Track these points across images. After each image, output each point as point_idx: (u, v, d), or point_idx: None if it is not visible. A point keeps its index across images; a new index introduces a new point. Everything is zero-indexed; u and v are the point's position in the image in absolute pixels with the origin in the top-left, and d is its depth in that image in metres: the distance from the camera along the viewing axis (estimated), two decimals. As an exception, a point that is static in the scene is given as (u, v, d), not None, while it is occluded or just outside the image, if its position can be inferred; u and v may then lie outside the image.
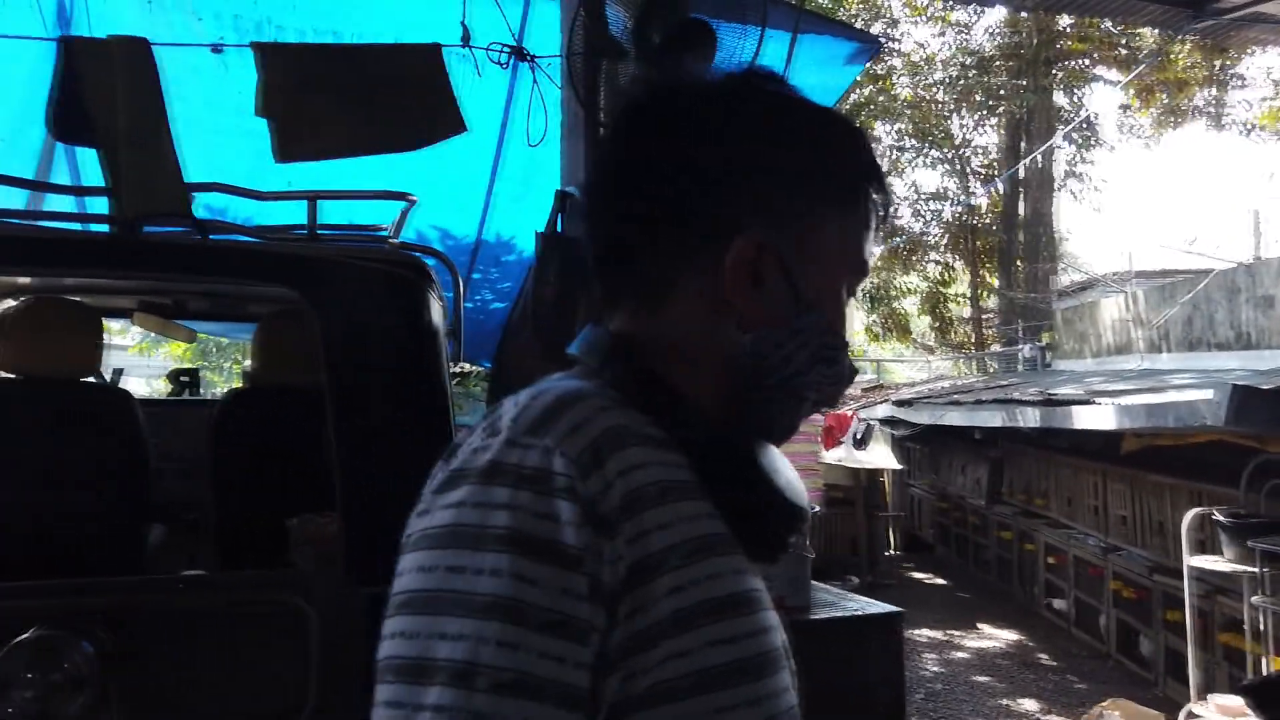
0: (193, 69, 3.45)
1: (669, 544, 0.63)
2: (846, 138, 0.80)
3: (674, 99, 0.80)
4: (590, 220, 0.81)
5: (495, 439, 0.64)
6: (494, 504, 0.61)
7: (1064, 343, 12.42)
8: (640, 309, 0.77)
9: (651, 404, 0.71)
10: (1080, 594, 7.19)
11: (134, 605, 1.72)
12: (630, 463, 0.64)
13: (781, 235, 0.74)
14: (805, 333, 0.74)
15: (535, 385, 0.72)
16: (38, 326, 2.40)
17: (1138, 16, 5.53)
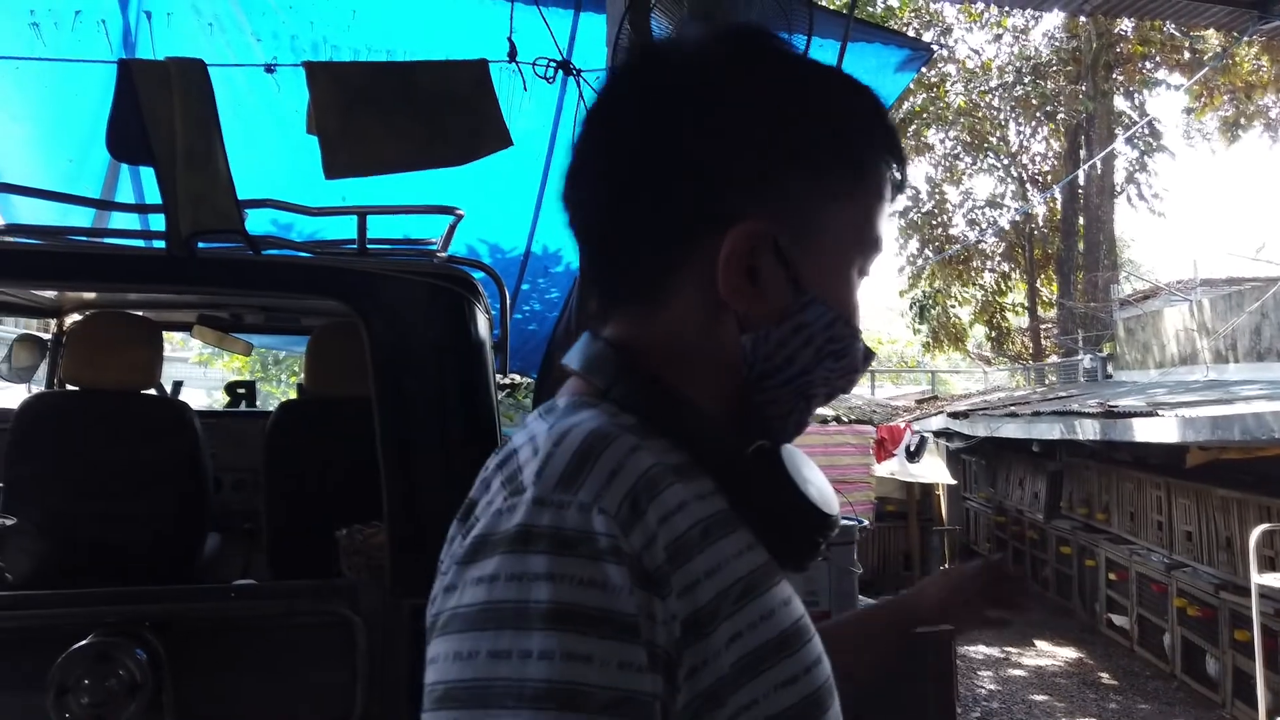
0: (249, 88, 3.55)
1: (720, 590, 0.60)
2: (854, 102, 0.71)
3: (658, 67, 0.71)
4: (573, 212, 0.73)
5: (521, 497, 0.58)
6: (534, 575, 0.54)
7: (1126, 353, 12.11)
8: (638, 312, 0.70)
9: (672, 427, 0.66)
10: (1143, 611, 6.98)
11: (186, 613, 1.76)
12: (669, 507, 0.59)
13: (783, 220, 0.67)
14: (809, 328, 0.68)
15: (549, 420, 0.66)
16: (100, 340, 2.48)
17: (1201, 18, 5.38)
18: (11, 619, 1.71)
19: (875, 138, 0.71)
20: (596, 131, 0.72)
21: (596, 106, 0.73)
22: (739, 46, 0.70)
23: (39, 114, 3.73)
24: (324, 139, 2.18)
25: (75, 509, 2.38)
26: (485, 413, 2.04)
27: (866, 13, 14.37)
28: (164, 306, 3.15)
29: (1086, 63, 16.52)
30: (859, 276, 0.72)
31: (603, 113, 0.73)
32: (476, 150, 2.32)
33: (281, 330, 4.13)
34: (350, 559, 2.06)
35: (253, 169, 3.79)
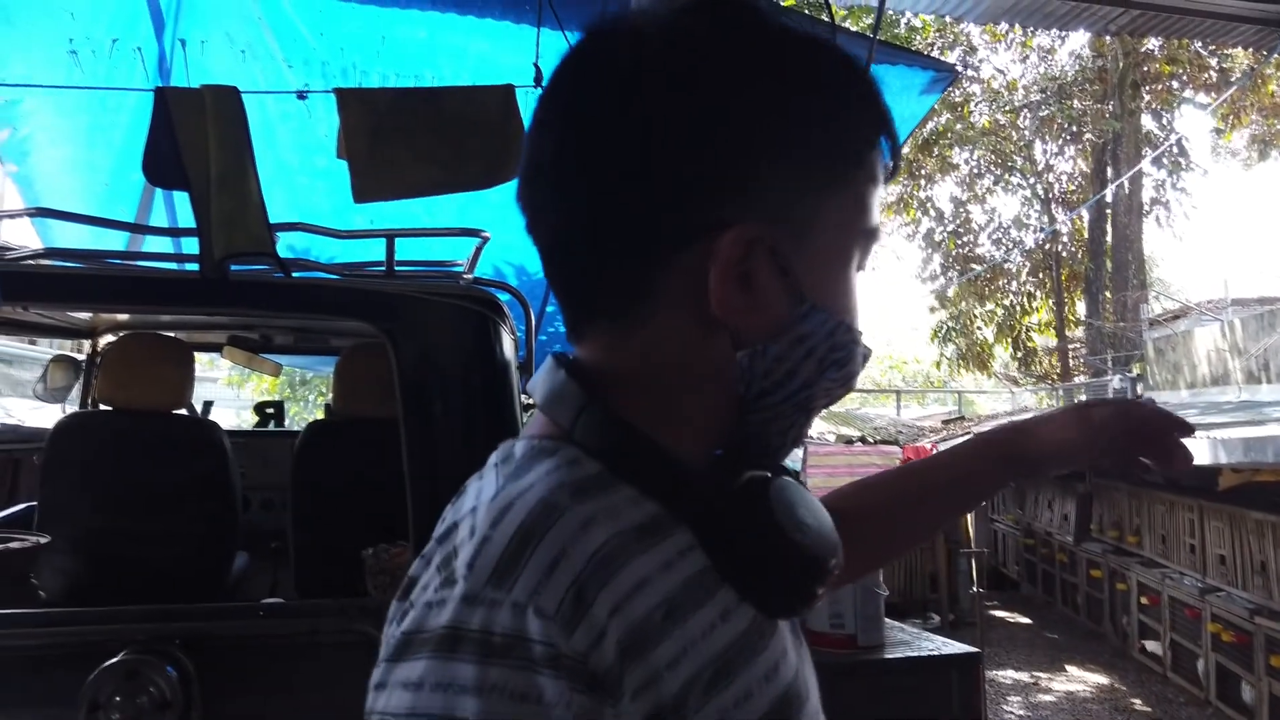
0: (280, 114, 3.62)
1: (686, 679, 0.53)
2: (846, 80, 0.63)
3: (621, 48, 0.61)
4: (531, 216, 0.64)
5: (452, 591, 0.51)
6: (460, 686, 0.48)
7: (1155, 374, 11.96)
8: (610, 334, 0.63)
9: (639, 472, 0.58)
10: (1176, 636, 6.86)
11: (216, 631, 1.78)
12: (626, 589, 0.52)
13: (776, 220, 0.59)
14: (811, 338, 0.61)
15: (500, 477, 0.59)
16: (133, 361, 2.52)
17: (1229, 37, 5.36)
18: (45, 636, 1.74)
19: (869, 117, 0.64)
20: (554, 123, 0.62)
21: (551, 93, 0.63)
22: (714, 19, 0.61)
23: (76, 138, 3.81)
24: (353, 164, 2.22)
25: (107, 527, 2.41)
26: (510, 433, 2.05)
27: (890, 34, 14.42)
28: (195, 328, 3.21)
29: (1113, 82, 16.43)
30: (857, 269, 0.65)
31: (560, 101, 0.63)
32: (502, 174, 2.35)
33: (310, 351, 4.18)
34: (376, 578, 2.07)
35: (287, 192, 3.88)
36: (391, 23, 3.64)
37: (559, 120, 0.62)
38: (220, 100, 1.90)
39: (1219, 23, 4.88)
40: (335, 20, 3.61)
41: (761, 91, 0.59)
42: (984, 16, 4.80)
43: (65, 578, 2.39)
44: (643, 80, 0.59)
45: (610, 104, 0.59)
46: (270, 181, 3.75)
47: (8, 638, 1.72)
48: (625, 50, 0.60)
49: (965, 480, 0.96)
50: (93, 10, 3.48)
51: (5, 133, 3.77)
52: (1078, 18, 4.80)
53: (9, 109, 3.68)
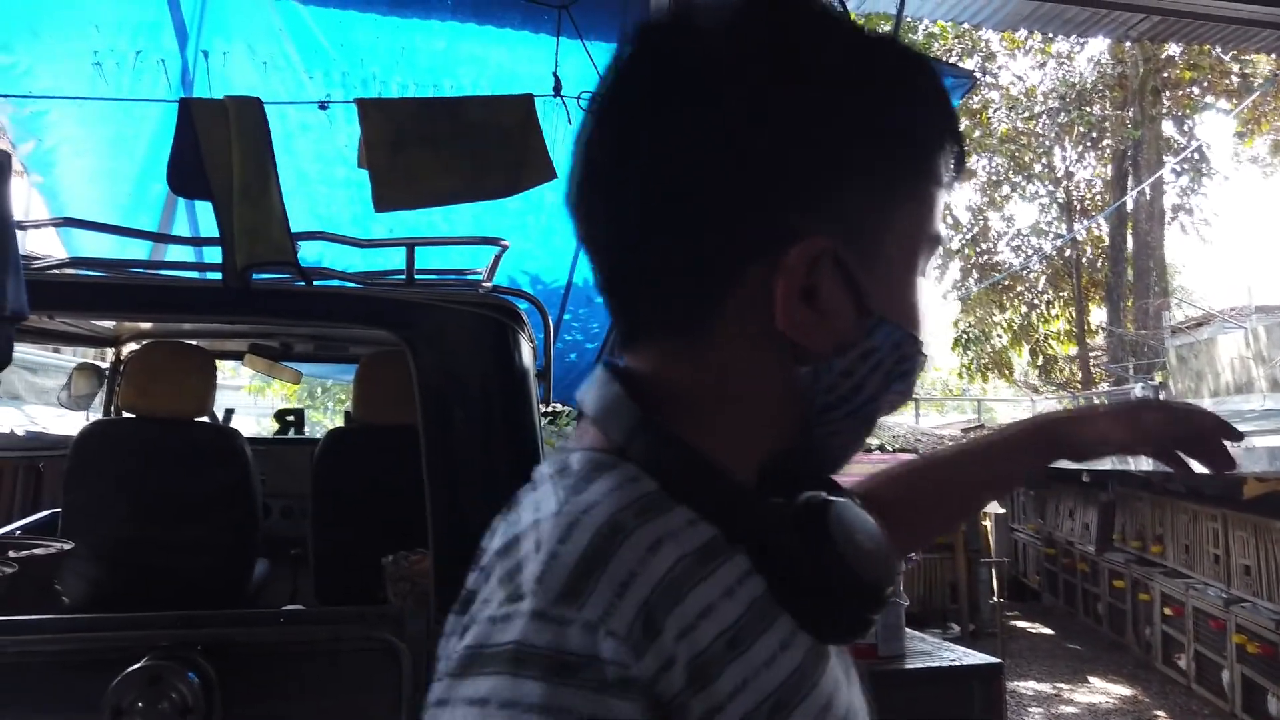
0: (300, 125, 3.65)
1: (747, 709, 0.51)
2: (914, 79, 0.60)
3: (680, 49, 0.58)
4: (584, 226, 0.62)
5: (519, 606, 0.49)
6: (528, 705, 0.46)
7: (1178, 382, 11.84)
8: (668, 346, 0.60)
9: (696, 494, 0.56)
10: (1200, 648, 6.78)
11: (237, 638, 1.79)
12: (690, 618, 0.50)
13: (843, 230, 0.56)
14: (879, 351, 0.58)
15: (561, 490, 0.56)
16: (155, 369, 2.55)
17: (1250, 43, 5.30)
18: (68, 642, 1.75)
19: (938, 119, 0.61)
20: (609, 129, 0.59)
21: (606, 98, 0.60)
22: (775, 16, 0.58)
23: (100, 149, 3.86)
24: (374, 173, 2.24)
25: (130, 534, 2.43)
26: (529, 440, 2.06)
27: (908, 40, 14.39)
28: (217, 336, 3.23)
29: (1133, 88, 16.33)
30: (921, 276, 0.62)
31: (616, 105, 0.59)
32: (521, 183, 2.36)
33: (330, 359, 4.21)
34: (395, 585, 2.08)
35: (309, 202, 3.91)
36: (411, 33, 3.67)
37: (615, 127, 0.59)
38: (243, 111, 1.92)
39: (1240, 28, 4.83)
40: (355, 31, 3.64)
41: (828, 96, 0.56)
42: (1003, 23, 4.77)
43: (88, 584, 2.41)
44: (707, 85, 0.56)
45: (671, 109, 0.56)
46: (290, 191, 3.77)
47: (32, 644, 1.74)
48: (686, 52, 0.57)
49: (1004, 466, 0.98)
50: (117, 23, 3.52)
51: (31, 144, 3.82)
52: (1098, 24, 4.77)
53: (35, 120, 3.73)
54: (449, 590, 1.91)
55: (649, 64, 0.58)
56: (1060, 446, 0.93)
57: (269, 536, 3.23)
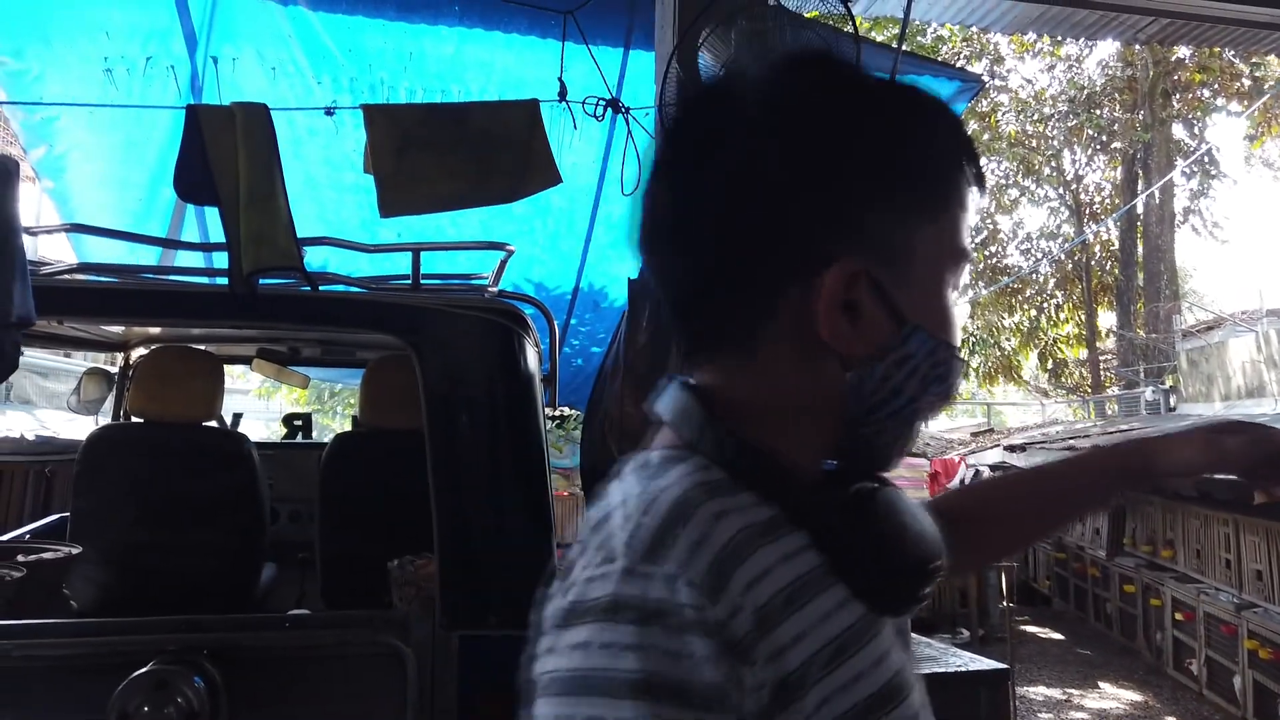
0: (309, 130, 3.67)
1: (808, 655, 0.60)
2: (933, 118, 0.70)
3: (725, 104, 0.69)
4: (656, 262, 0.72)
5: (612, 566, 0.59)
6: (622, 645, 0.55)
7: (1189, 385, 11.79)
8: (728, 361, 0.69)
9: (759, 480, 0.65)
10: (1212, 653, 6.73)
11: (243, 642, 1.79)
12: (755, 573, 0.59)
13: (876, 253, 0.65)
14: (914, 358, 0.66)
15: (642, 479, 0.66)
16: (164, 374, 2.56)
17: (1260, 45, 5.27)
18: (75, 646, 1.76)
19: (954, 149, 0.70)
20: (669, 178, 0.70)
21: (666, 151, 0.71)
22: (809, 75, 0.68)
23: (110, 155, 3.88)
24: (379, 179, 2.25)
25: (138, 538, 2.44)
26: (534, 445, 2.07)
27: (916, 43, 14.37)
28: (225, 341, 3.25)
29: (1143, 90, 16.27)
30: (952, 290, 0.70)
31: (674, 158, 0.70)
32: (527, 187, 2.37)
33: (338, 364, 4.22)
34: (401, 590, 2.08)
35: (318, 206, 3.93)
36: (419, 38, 3.69)
37: (678, 173, 0.69)
38: (250, 117, 1.93)
39: (1249, 30, 4.81)
40: (363, 37, 3.66)
41: (857, 139, 0.66)
42: (1011, 26, 4.77)
43: (96, 588, 2.42)
44: (753, 137, 0.66)
45: (724, 158, 0.66)
46: (299, 196, 3.80)
47: (39, 648, 1.75)
48: (737, 108, 0.67)
49: (1089, 488, 1.03)
50: (127, 29, 3.55)
51: (42, 149, 3.84)
52: (1106, 27, 4.75)
53: (46, 126, 3.76)
54: (454, 595, 1.92)
55: (699, 127, 0.70)
56: (1145, 472, 0.97)
57: (277, 541, 3.24)
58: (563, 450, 8.36)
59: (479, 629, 1.91)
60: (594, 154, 4.03)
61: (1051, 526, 1.19)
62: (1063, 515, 1.13)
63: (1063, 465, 1.05)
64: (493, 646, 1.91)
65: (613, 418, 2.00)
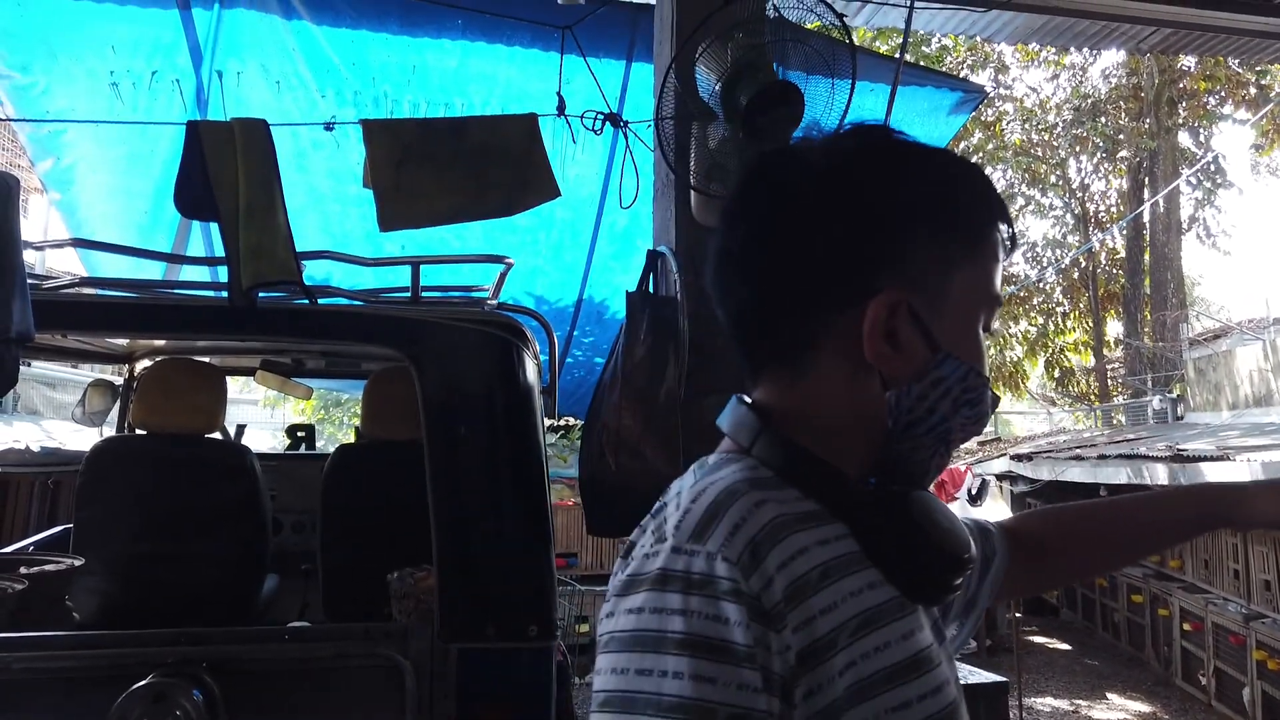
0: (314, 143, 3.69)
1: (837, 624, 0.68)
2: (970, 179, 0.81)
3: (791, 164, 0.81)
4: (723, 294, 0.82)
5: (663, 545, 0.69)
6: (670, 609, 0.66)
7: (1196, 394, 11.73)
8: (783, 379, 0.80)
9: (803, 479, 0.74)
10: (1220, 664, 6.69)
11: (241, 655, 1.80)
12: (789, 553, 0.68)
13: (916, 288, 0.75)
14: (946, 380, 0.76)
15: (698, 475, 0.77)
16: (167, 385, 2.57)
17: (1264, 54, 5.27)
18: (74, 658, 1.77)
19: (987, 207, 0.80)
20: (742, 221, 0.80)
21: (736, 203, 0.83)
22: (863, 141, 0.80)
23: (117, 168, 3.91)
24: (379, 193, 2.26)
25: (140, 550, 2.45)
26: (533, 457, 2.07)
27: (920, 53, 14.38)
28: (229, 353, 3.26)
29: (1149, 99, 16.23)
30: (983, 329, 0.80)
31: (743, 208, 0.81)
32: (525, 201, 2.38)
33: (342, 375, 4.24)
34: (400, 602, 2.08)
35: (318, 219, 3.95)
36: (423, 52, 3.71)
37: (747, 219, 0.80)
38: (249, 132, 1.95)
39: (1252, 40, 4.80)
40: (367, 51, 3.68)
41: (902, 193, 0.77)
42: (1014, 37, 4.77)
43: (98, 599, 2.43)
44: (813, 189, 0.77)
45: (787, 207, 0.78)
46: (304, 208, 3.83)
47: (39, 660, 1.76)
48: (798, 167, 0.80)
49: (1167, 526, 1.10)
50: (133, 44, 3.57)
51: (49, 161, 3.87)
52: (1108, 37, 4.75)
53: (53, 139, 3.79)
54: (453, 607, 1.92)
55: (770, 177, 0.81)
56: (1225, 520, 1.05)
57: (280, 551, 3.24)
58: (567, 460, 8.37)
59: (478, 641, 1.91)
60: (597, 166, 4.04)
61: (1126, 560, 1.27)
62: (1140, 551, 1.19)
63: (1146, 502, 1.13)
64: (491, 658, 1.91)
65: (610, 429, 2.00)
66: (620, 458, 1.97)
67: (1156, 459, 6.54)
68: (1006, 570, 1.01)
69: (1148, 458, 6.76)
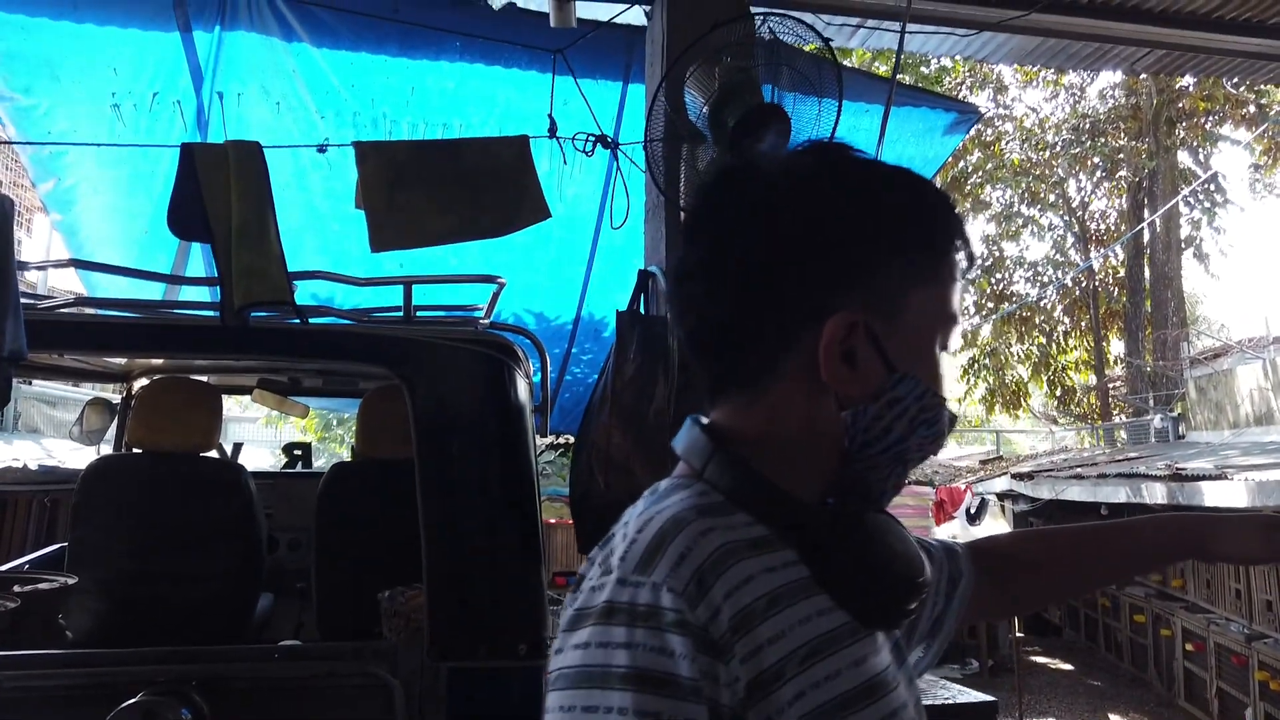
0: (313, 163, 3.72)
1: (785, 653, 0.66)
2: (927, 199, 0.80)
3: (748, 181, 0.79)
4: (681, 312, 0.81)
5: (609, 578, 0.69)
6: (615, 643, 0.65)
7: (1198, 413, 11.72)
8: (741, 400, 0.78)
9: (753, 503, 0.73)
10: (1223, 685, 6.65)
11: (231, 673, 1.80)
12: (736, 581, 0.67)
13: (872, 308, 0.74)
14: (903, 400, 0.75)
15: (648, 503, 0.76)
16: (162, 404, 2.58)
17: (1257, 75, 5.30)
18: (65, 677, 1.78)
19: (946, 227, 0.79)
20: (702, 239, 0.80)
21: (693, 219, 0.82)
22: (820, 159, 0.79)
23: (117, 188, 3.94)
24: (370, 214, 2.28)
25: (133, 569, 2.45)
26: (524, 476, 2.08)
27: (919, 73, 14.46)
28: (226, 372, 3.28)
29: (1148, 119, 16.29)
30: (941, 349, 0.79)
31: (706, 222, 0.81)
32: (516, 222, 2.40)
33: (340, 394, 4.25)
34: (391, 621, 2.09)
35: (316, 239, 3.97)
36: (421, 74, 3.74)
37: (706, 237, 0.79)
38: (243, 154, 1.97)
39: (1247, 60, 4.83)
40: (366, 73, 3.72)
41: (861, 212, 0.76)
42: (1008, 58, 4.80)
43: (92, 618, 2.43)
44: (771, 206, 0.76)
45: (745, 225, 0.76)
46: (303, 228, 3.85)
47: (29, 678, 1.76)
48: (756, 184, 0.78)
49: (1141, 554, 1.12)
50: (135, 66, 3.61)
51: (51, 182, 3.91)
52: (1103, 58, 4.79)
53: (54, 160, 3.82)
54: (443, 626, 1.93)
55: (728, 195, 0.79)
56: (1202, 553, 1.05)
57: (276, 570, 3.24)
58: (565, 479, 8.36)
59: (468, 660, 1.92)
60: (595, 185, 4.07)
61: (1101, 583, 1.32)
62: (1115, 576, 1.21)
63: (1122, 529, 1.13)
64: (482, 678, 1.92)
65: (600, 447, 2.01)
66: (610, 476, 1.98)
67: (1155, 478, 6.53)
68: (974, 591, 1.00)
69: (1147, 477, 6.74)
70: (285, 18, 3.55)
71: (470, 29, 3.50)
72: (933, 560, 0.97)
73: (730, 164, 0.83)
